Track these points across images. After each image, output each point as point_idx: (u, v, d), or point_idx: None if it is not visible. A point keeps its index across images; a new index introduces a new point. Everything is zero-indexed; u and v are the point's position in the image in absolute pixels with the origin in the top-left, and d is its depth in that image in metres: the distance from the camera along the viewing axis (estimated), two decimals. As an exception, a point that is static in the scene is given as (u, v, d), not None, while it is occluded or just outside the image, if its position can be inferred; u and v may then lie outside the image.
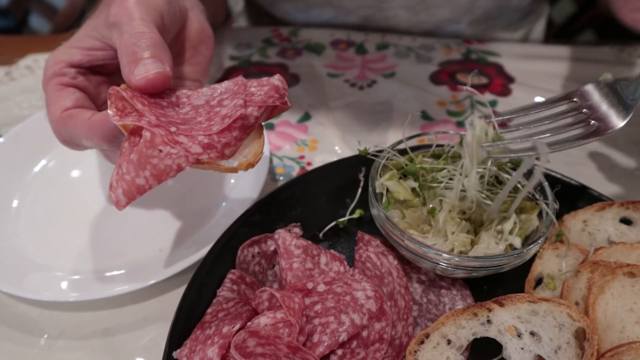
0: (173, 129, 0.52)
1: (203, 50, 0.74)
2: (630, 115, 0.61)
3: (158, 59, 0.57)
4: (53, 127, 0.64)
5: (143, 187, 0.51)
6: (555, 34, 2.50)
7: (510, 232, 0.60)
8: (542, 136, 0.61)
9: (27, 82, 1.12)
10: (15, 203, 0.80)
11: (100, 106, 0.69)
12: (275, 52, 1.15)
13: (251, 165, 0.55)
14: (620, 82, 0.64)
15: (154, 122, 0.51)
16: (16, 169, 0.85)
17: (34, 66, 1.17)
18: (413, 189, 0.65)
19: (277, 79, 0.57)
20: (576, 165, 0.86)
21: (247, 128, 0.54)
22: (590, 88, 0.65)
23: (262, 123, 0.57)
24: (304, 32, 1.22)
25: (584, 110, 0.63)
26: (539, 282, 0.64)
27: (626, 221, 0.68)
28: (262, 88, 0.56)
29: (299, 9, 1.25)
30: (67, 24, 2.98)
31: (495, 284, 0.66)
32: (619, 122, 0.61)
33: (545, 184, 0.64)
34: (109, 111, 0.54)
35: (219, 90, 0.57)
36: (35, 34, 3.15)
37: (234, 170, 0.54)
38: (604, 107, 0.63)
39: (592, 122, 0.62)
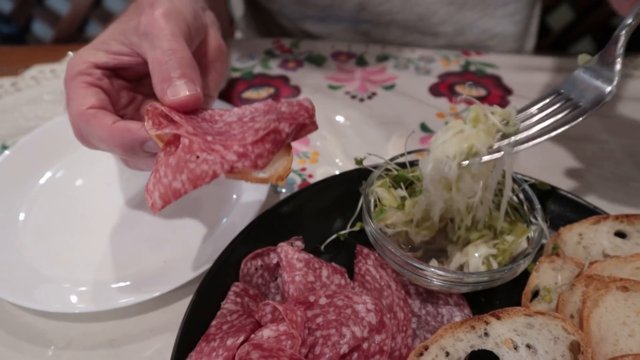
0: (210, 138, 0.55)
1: (218, 66, 0.77)
2: (610, 94, 0.61)
3: (190, 80, 0.60)
4: (74, 121, 0.65)
5: (179, 190, 0.53)
6: (553, 42, 2.53)
7: (497, 254, 0.62)
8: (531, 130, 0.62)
9: (32, 93, 1.14)
10: (22, 216, 0.82)
11: (119, 111, 0.71)
12: (277, 64, 1.17)
13: (281, 178, 0.58)
14: (598, 61, 0.64)
15: (191, 131, 0.55)
16: (22, 182, 0.86)
17: (39, 77, 1.19)
18: (403, 198, 0.67)
19: (306, 102, 0.61)
20: (573, 177, 0.88)
21: (279, 143, 0.58)
22: (573, 76, 0.65)
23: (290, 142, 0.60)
24: (305, 44, 1.24)
25: (572, 97, 0.63)
26: (535, 294, 0.66)
27: (620, 234, 0.69)
28: (292, 107, 0.59)
29: (294, 0, 1.26)
30: (70, 31, 3.01)
31: (492, 297, 0.68)
32: (602, 98, 0.60)
33: (536, 200, 0.66)
34: (146, 124, 0.57)
35: (249, 110, 0.61)
36: (38, 40, 3.17)
37: (265, 180, 0.57)
38: (588, 88, 0.62)
39: (580, 103, 0.62)
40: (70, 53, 1.26)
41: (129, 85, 0.74)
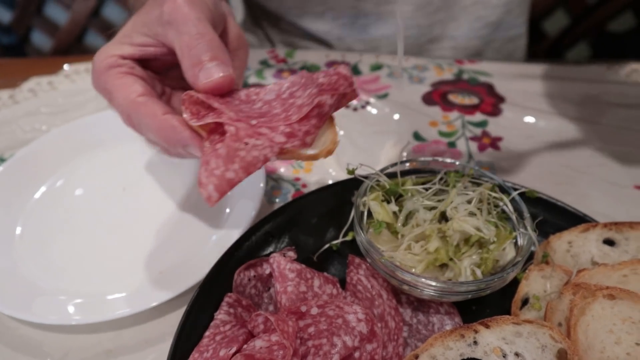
0: (254, 122, 0.54)
1: (241, 54, 0.75)
2: None
3: (221, 61, 0.59)
4: (125, 110, 0.64)
5: (233, 180, 0.53)
6: (549, 47, 2.54)
7: (480, 263, 0.63)
8: None
9: (30, 106, 1.15)
10: (18, 230, 0.83)
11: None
12: (271, 74, 1.18)
13: (330, 152, 0.58)
14: None
15: (234, 117, 0.54)
16: (18, 196, 0.87)
17: (36, 89, 1.20)
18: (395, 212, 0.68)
19: (344, 69, 0.58)
20: (564, 185, 0.89)
21: (323, 116, 0.57)
22: None
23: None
24: (299, 54, 1.25)
25: None
26: (525, 302, 0.66)
27: (609, 242, 0.70)
28: (331, 78, 0.57)
29: None
30: (68, 41, 3.03)
31: (483, 304, 0.68)
32: None
33: (525, 209, 0.67)
34: (185, 115, 0.56)
35: (286, 85, 0.60)
36: (37, 50, 3.19)
37: (316, 157, 0.57)
38: None
39: None
40: (66, 66, 1.27)
41: (157, 77, 0.73)
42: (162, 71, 0.72)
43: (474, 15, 1.25)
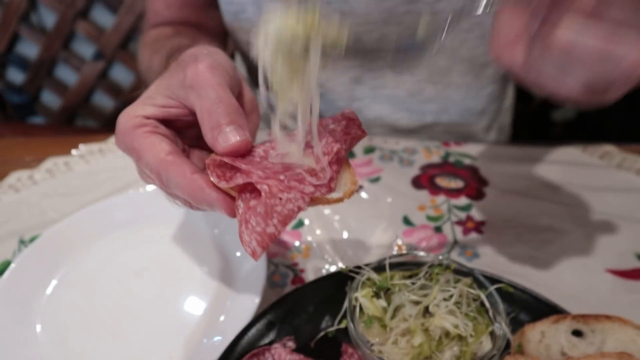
0: (282, 177, 0.60)
1: (254, 118, 0.79)
2: None
3: (238, 125, 0.64)
4: (154, 168, 0.67)
5: (274, 234, 0.57)
6: (537, 107, 2.67)
7: (459, 355, 0.70)
8: None
9: (47, 186, 1.23)
10: (39, 328, 0.88)
11: None
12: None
13: (352, 193, 0.64)
14: None
15: (262, 175, 0.59)
16: (35, 292, 0.92)
17: (54, 169, 1.30)
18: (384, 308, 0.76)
19: (350, 113, 0.65)
20: (541, 269, 0.96)
21: (341, 161, 0.63)
22: None
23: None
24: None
25: None
26: (502, 390, 0.73)
27: (578, 333, 0.77)
28: (341, 124, 0.64)
29: None
30: (76, 100, 3.17)
31: (464, 392, 0.75)
32: None
33: (500, 305, 0.75)
34: (212, 178, 0.61)
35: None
36: (46, 109, 3.31)
37: (341, 200, 0.63)
38: None
39: None
40: (81, 147, 1.37)
41: (178, 135, 0.76)
42: (182, 130, 0.76)
43: (462, 106, 1.37)
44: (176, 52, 0.99)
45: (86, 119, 3.32)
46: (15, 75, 3.18)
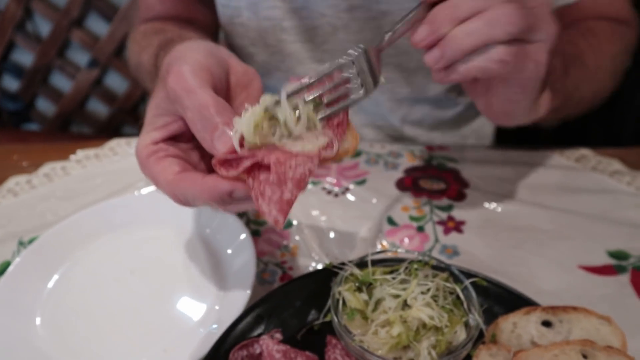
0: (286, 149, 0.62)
1: (251, 90, 0.80)
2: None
3: (226, 126, 0.65)
4: (167, 189, 0.70)
5: (291, 199, 0.59)
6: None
7: (435, 344, 0.75)
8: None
9: (45, 190, 1.28)
10: (38, 320, 0.92)
11: (195, 168, 0.76)
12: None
13: (355, 148, 0.68)
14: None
15: (267, 152, 0.61)
16: (36, 287, 0.97)
17: (51, 174, 1.34)
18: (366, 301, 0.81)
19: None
20: (518, 266, 1.02)
21: (342, 123, 0.67)
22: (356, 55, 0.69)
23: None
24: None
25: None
26: (476, 377, 0.78)
27: (547, 323, 0.82)
28: None
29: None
30: (71, 107, 3.20)
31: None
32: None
33: (474, 297, 0.80)
34: (222, 173, 0.63)
35: None
36: (41, 116, 3.34)
37: (347, 152, 0.67)
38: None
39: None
40: (79, 152, 1.41)
41: (191, 146, 0.78)
42: (194, 137, 0.74)
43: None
44: (162, 51, 1.04)
45: (81, 126, 3.36)
46: (11, 83, 3.22)
